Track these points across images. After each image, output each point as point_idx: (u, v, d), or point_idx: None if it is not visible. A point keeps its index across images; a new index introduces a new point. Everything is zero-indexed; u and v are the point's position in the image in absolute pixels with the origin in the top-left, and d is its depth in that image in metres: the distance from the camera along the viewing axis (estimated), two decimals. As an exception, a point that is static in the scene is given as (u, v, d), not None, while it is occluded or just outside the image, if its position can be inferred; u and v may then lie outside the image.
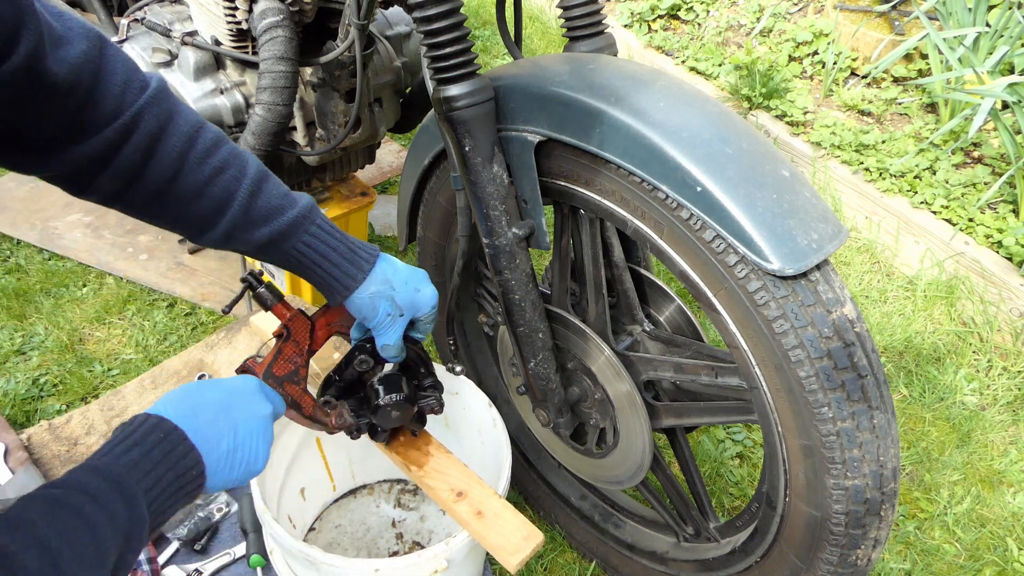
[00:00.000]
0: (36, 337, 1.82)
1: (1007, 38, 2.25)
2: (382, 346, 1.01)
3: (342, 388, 1.07)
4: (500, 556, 1.03)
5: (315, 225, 0.93)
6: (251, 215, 0.89)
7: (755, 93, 2.56)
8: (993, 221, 2.07)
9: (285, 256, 0.93)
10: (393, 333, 1.00)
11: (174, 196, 0.85)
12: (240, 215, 0.88)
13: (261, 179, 0.90)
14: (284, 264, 0.95)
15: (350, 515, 1.50)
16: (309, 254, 0.93)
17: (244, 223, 0.88)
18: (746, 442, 1.68)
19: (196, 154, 0.84)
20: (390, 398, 1.05)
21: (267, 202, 0.90)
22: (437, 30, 0.94)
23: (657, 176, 0.88)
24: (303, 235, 0.92)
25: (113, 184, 0.82)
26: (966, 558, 1.51)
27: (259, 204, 0.89)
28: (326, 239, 0.94)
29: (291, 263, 0.94)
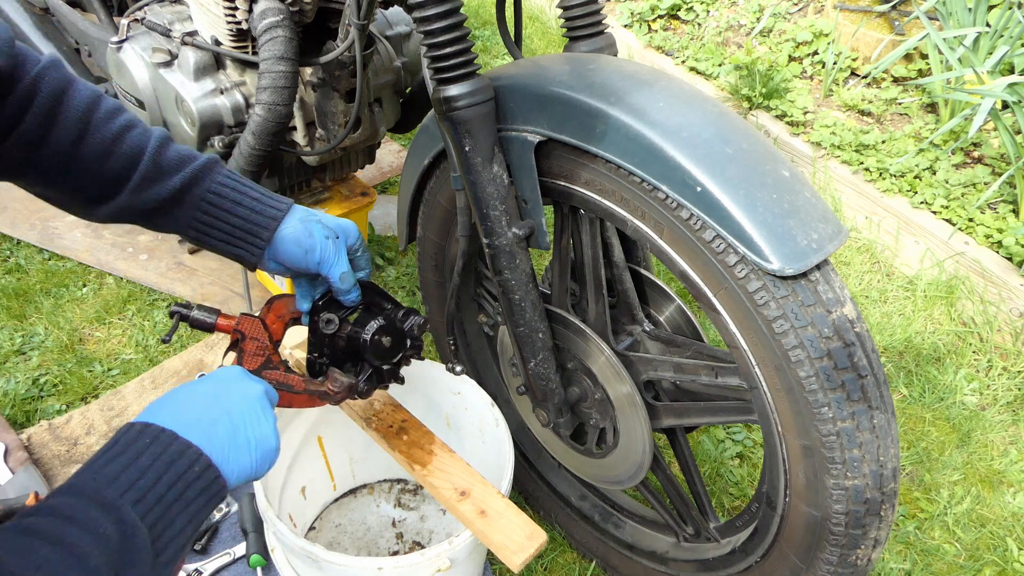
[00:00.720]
0: (36, 337, 1.82)
1: (1007, 38, 2.25)
2: (338, 277, 0.97)
3: (326, 364, 1.06)
4: (503, 555, 1.03)
5: (225, 170, 0.94)
6: (162, 164, 0.89)
7: (755, 93, 2.56)
8: (993, 221, 2.07)
9: (199, 204, 0.92)
10: (340, 259, 0.97)
11: (82, 158, 0.86)
12: (151, 166, 0.89)
13: (166, 136, 0.92)
14: (196, 220, 0.92)
15: (350, 514, 1.50)
16: (226, 194, 0.92)
17: (156, 173, 0.89)
18: (746, 442, 1.68)
19: (100, 115, 0.87)
20: (372, 326, 1.03)
21: (176, 152, 0.91)
22: (437, 30, 0.94)
23: (657, 176, 0.88)
24: (216, 176, 0.92)
25: (19, 152, 0.83)
26: (966, 558, 1.51)
27: (169, 154, 0.90)
28: (238, 180, 0.94)
29: (206, 213, 0.92)
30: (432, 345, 1.83)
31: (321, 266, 0.97)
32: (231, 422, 0.77)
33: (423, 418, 1.24)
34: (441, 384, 1.39)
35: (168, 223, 0.94)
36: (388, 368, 1.08)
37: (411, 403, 1.27)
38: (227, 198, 0.92)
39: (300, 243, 0.95)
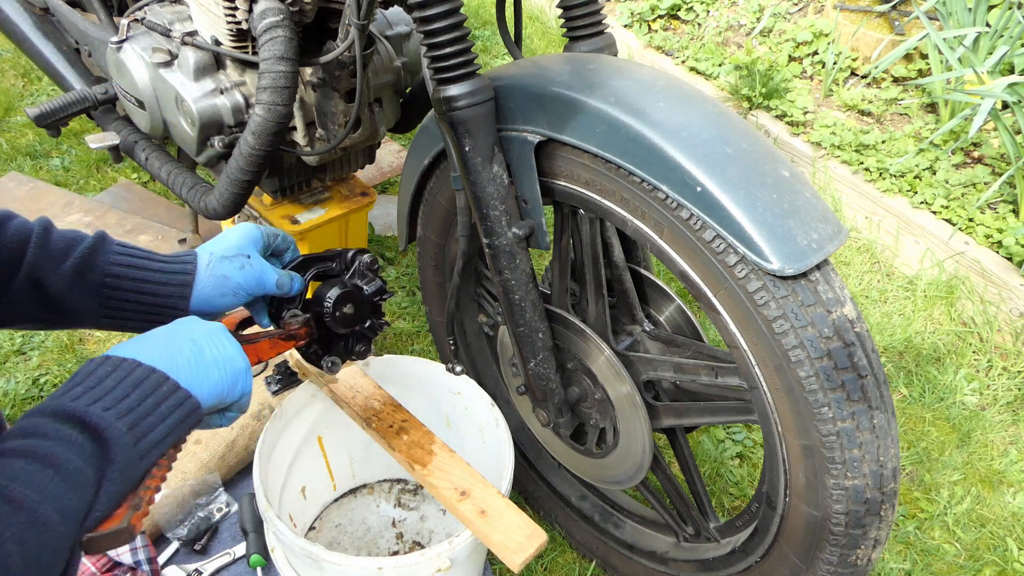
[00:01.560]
0: (36, 337, 1.82)
1: (1007, 38, 2.25)
2: (275, 288, 0.96)
3: (321, 347, 1.06)
4: (503, 555, 1.03)
5: (116, 244, 0.89)
6: (50, 250, 0.86)
7: (755, 93, 2.56)
8: (993, 221, 2.07)
9: (102, 290, 0.87)
10: (265, 274, 0.95)
11: None
12: (39, 253, 0.85)
13: (48, 222, 0.88)
14: (105, 308, 0.88)
15: (350, 514, 1.50)
16: (127, 273, 0.88)
17: (44, 262, 0.85)
18: (746, 442, 1.68)
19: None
20: (332, 295, 1.01)
21: (61, 236, 0.87)
22: (437, 30, 0.94)
23: (657, 176, 0.88)
24: (110, 255, 0.88)
25: None
26: (966, 558, 1.51)
27: (54, 238, 0.87)
28: (134, 252, 0.90)
29: (111, 299, 0.88)
30: (432, 345, 1.83)
31: (254, 293, 0.95)
32: (194, 346, 0.76)
33: (423, 418, 1.24)
34: (441, 384, 1.39)
35: (74, 317, 0.89)
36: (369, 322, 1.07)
37: (411, 403, 1.27)
38: (128, 277, 0.88)
39: (223, 292, 0.92)
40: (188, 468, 1.43)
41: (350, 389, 1.25)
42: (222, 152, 1.48)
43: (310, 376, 1.30)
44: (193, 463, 1.44)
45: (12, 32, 1.88)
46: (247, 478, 1.49)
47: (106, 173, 2.32)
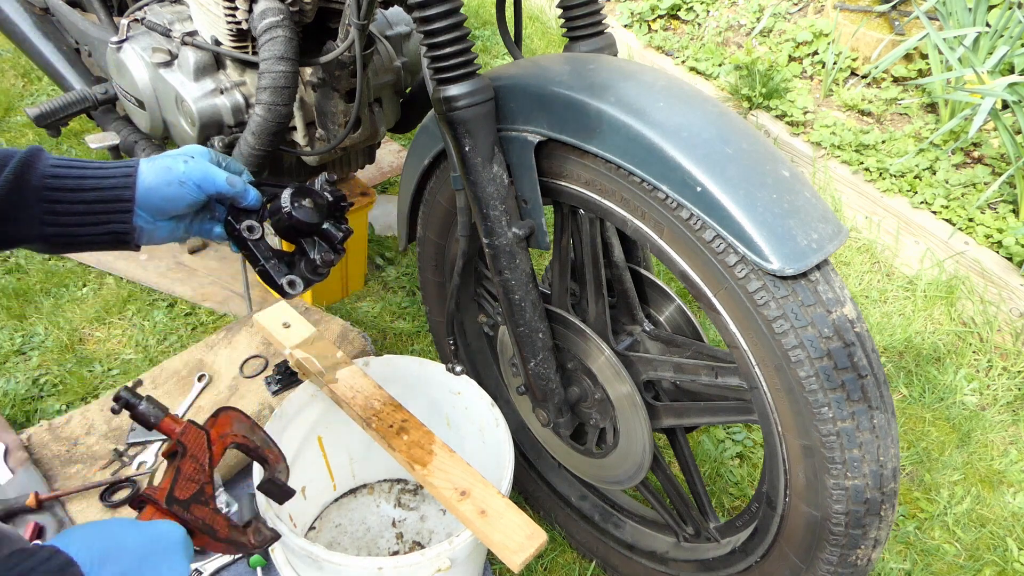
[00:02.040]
0: (36, 337, 1.82)
1: (1007, 38, 2.25)
2: (225, 183, 0.91)
3: (280, 264, 0.98)
4: (504, 555, 1.03)
5: (51, 157, 0.85)
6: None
7: (755, 93, 2.56)
8: (993, 221, 2.07)
9: (42, 194, 0.83)
10: (213, 169, 0.91)
11: None
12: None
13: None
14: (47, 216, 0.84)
15: (350, 514, 1.50)
16: (67, 173, 0.84)
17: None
18: (746, 442, 1.68)
19: None
20: (285, 197, 0.95)
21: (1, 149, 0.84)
22: (437, 30, 0.94)
23: (657, 176, 0.88)
24: (48, 160, 0.84)
25: None
26: (966, 558, 1.51)
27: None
28: (72, 160, 0.86)
29: (52, 202, 0.83)
30: (432, 345, 1.83)
31: (203, 186, 0.90)
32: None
33: (423, 418, 1.24)
34: (441, 384, 1.39)
35: (17, 229, 0.84)
36: (330, 228, 1.00)
37: (411, 403, 1.27)
38: (68, 176, 0.84)
39: (168, 181, 0.88)
40: (188, 468, 1.43)
41: (350, 389, 1.25)
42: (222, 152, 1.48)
43: (310, 376, 1.30)
44: (193, 463, 1.44)
45: (12, 32, 1.88)
46: (247, 478, 1.49)
47: (106, 173, 2.31)
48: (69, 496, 1.40)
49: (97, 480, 1.44)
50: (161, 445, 1.50)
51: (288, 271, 0.99)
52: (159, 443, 1.51)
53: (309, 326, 1.33)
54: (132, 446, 1.51)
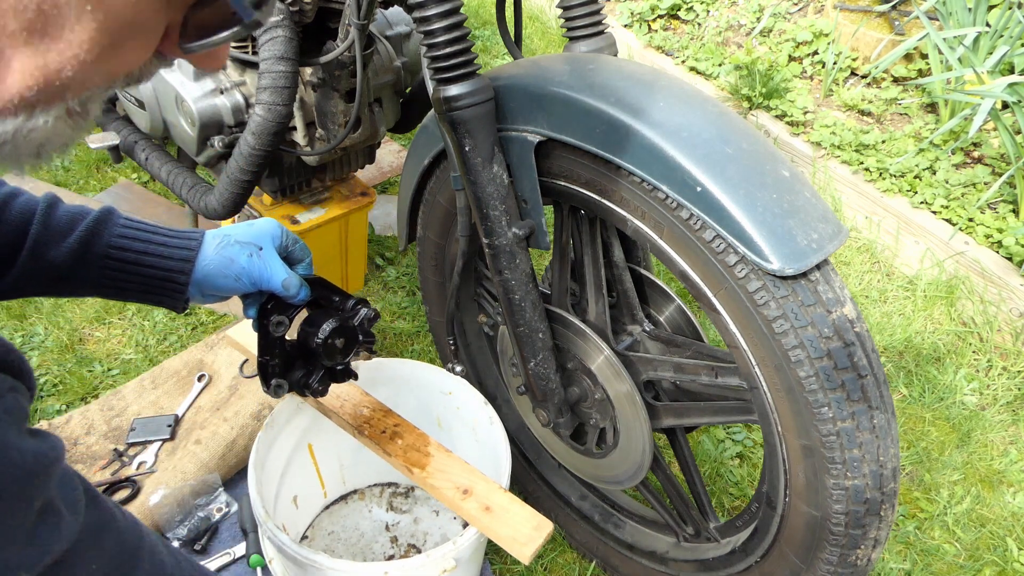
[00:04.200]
0: (36, 337, 1.82)
1: (1007, 38, 2.25)
2: (280, 286, 0.94)
3: (281, 366, 1.03)
4: (512, 548, 1.03)
5: (123, 219, 0.88)
6: (52, 226, 0.85)
7: (755, 93, 2.56)
8: (993, 221, 2.07)
9: (103, 262, 0.87)
10: (273, 269, 0.93)
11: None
12: (41, 230, 0.84)
13: (54, 198, 0.87)
14: (106, 279, 0.88)
15: (343, 521, 1.50)
16: (129, 245, 0.87)
17: (47, 237, 0.85)
18: (746, 442, 1.68)
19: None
20: (325, 329, 0.99)
21: (67, 211, 0.86)
22: (437, 30, 0.94)
23: (657, 176, 0.88)
24: (115, 228, 0.87)
25: None
26: (966, 558, 1.50)
27: (58, 214, 0.86)
28: (140, 226, 0.89)
29: (113, 270, 0.87)
30: (432, 345, 1.83)
31: (258, 284, 0.94)
32: None
33: (413, 420, 1.22)
34: (431, 385, 1.38)
35: (77, 287, 0.89)
36: (341, 367, 1.06)
37: (401, 406, 1.26)
38: (131, 249, 0.88)
39: (225, 274, 0.91)
40: (188, 468, 1.43)
41: (337, 398, 1.23)
42: (222, 152, 1.48)
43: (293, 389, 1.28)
44: (193, 463, 1.44)
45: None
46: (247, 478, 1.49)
47: (106, 173, 2.32)
48: (69, 496, 1.40)
49: (97, 480, 1.44)
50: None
51: (282, 373, 1.03)
52: (159, 443, 1.51)
53: None
54: (132, 446, 1.51)
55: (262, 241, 0.94)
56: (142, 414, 1.56)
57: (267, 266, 0.93)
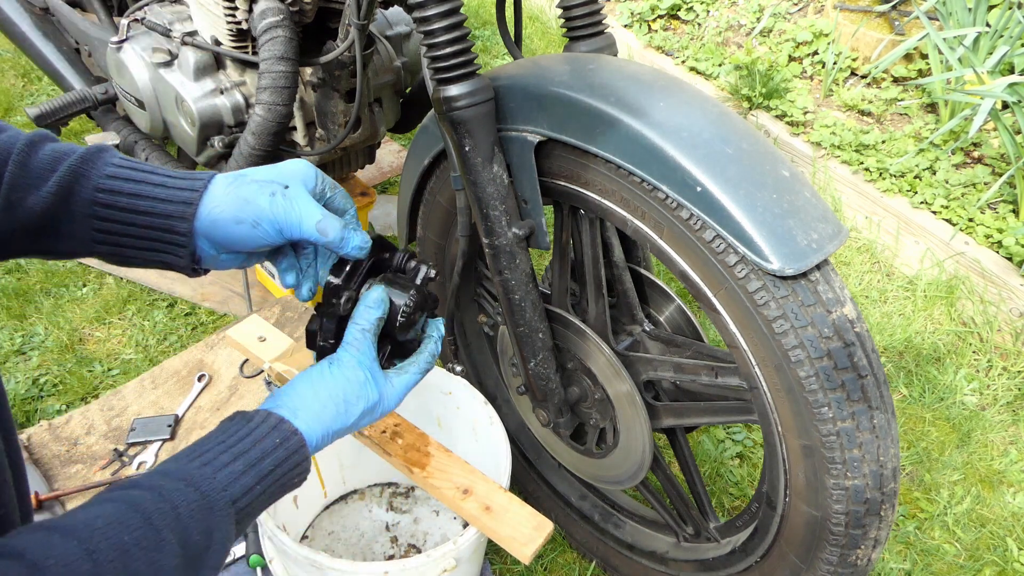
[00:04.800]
0: (36, 337, 1.82)
1: (1007, 38, 2.25)
2: (314, 229, 0.73)
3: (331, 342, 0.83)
4: (513, 548, 1.03)
5: (116, 158, 0.73)
6: (31, 168, 0.70)
7: (755, 93, 2.56)
8: (993, 221, 2.07)
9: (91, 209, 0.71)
10: (304, 209, 0.72)
11: None
12: (17, 172, 0.70)
13: (40, 136, 0.72)
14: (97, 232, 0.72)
15: (343, 521, 1.50)
16: (121, 187, 0.71)
17: (24, 181, 0.70)
18: (746, 442, 1.68)
19: None
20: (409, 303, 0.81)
21: (51, 150, 0.72)
22: (437, 30, 0.94)
23: (657, 176, 0.88)
24: (104, 168, 0.71)
25: None
26: (966, 558, 1.50)
27: (40, 154, 0.71)
28: (135, 165, 0.73)
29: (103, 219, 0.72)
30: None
31: (284, 231, 0.73)
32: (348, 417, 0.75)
33: (412, 420, 1.23)
34: (431, 385, 1.38)
35: (64, 243, 0.73)
36: (411, 337, 0.87)
37: (401, 406, 1.26)
38: (122, 192, 0.71)
39: (239, 219, 0.72)
40: (188, 468, 1.43)
41: None
42: (222, 152, 1.48)
43: None
44: (193, 463, 1.44)
45: (12, 32, 1.88)
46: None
47: (106, 173, 2.31)
48: (69, 496, 1.40)
49: (97, 480, 1.44)
50: None
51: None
52: (159, 443, 1.51)
53: (285, 338, 1.31)
54: (132, 446, 1.51)
55: (286, 179, 0.74)
56: (142, 414, 1.56)
57: (294, 206, 0.72)
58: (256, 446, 0.67)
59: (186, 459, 0.65)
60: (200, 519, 0.61)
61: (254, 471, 0.66)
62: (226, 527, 0.64)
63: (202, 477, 0.63)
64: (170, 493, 0.61)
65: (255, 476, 0.66)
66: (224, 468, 0.65)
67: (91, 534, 0.55)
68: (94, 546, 0.55)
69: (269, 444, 0.68)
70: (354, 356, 0.76)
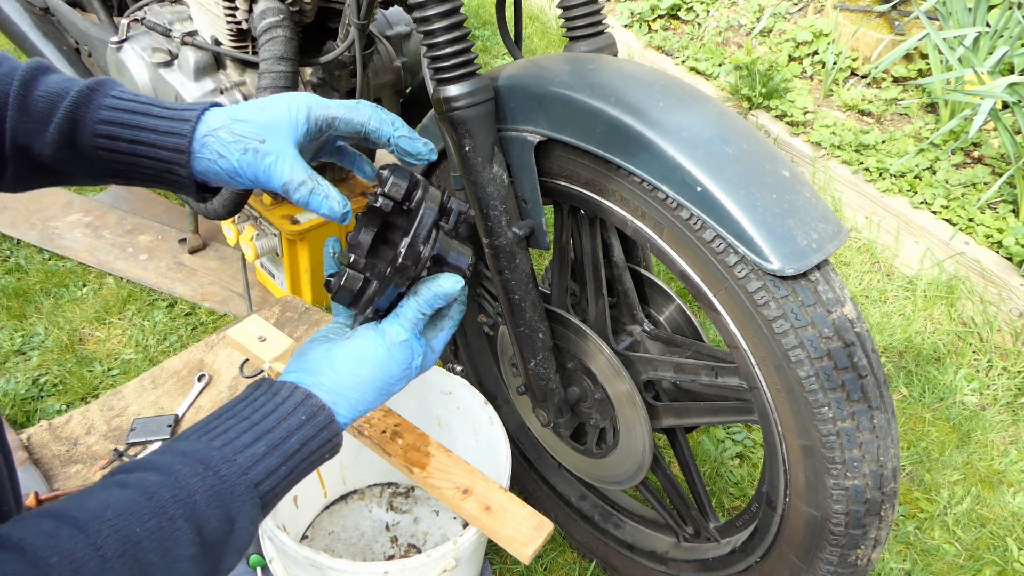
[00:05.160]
0: (36, 337, 1.82)
1: (1007, 38, 2.25)
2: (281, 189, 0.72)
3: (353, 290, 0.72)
4: (513, 548, 1.03)
5: (108, 96, 0.72)
6: (31, 110, 0.70)
7: (755, 93, 2.56)
8: (993, 221, 2.07)
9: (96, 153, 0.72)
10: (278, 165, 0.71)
11: None
12: (18, 117, 0.70)
13: (33, 70, 0.70)
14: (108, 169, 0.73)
15: (343, 521, 1.50)
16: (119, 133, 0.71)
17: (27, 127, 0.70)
18: (746, 442, 1.68)
19: None
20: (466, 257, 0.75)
21: (46, 89, 0.70)
22: (437, 30, 0.94)
23: (657, 176, 0.88)
24: (98, 112, 0.71)
25: None
26: (966, 558, 1.51)
27: (36, 95, 0.70)
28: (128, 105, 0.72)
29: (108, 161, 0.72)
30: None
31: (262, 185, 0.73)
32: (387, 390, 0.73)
33: (413, 420, 1.23)
34: (431, 385, 1.38)
35: (83, 178, 0.75)
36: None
37: (401, 406, 1.26)
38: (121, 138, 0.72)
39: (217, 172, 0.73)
40: (188, 468, 1.43)
41: None
42: (222, 152, 1.48)
43: None
44: (193, 463, 1.44)
45: (12, 32, 1.88)
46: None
47: (106, 173, 2.32)
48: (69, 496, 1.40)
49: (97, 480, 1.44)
50: None
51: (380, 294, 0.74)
52: (159, 443, 1.51)
53: (286, 338, 1.31)
54: (132, 446, 1.51)
55: (268, 132, 0.72)
56: (142, 414, 1.56)
57: (263, 164, 0.71)
58: (281, 424, 0.66)
59: (208, 435, 0.64)
60: (219, 505, 0.60)
61: (278, 451, 0.65)
62: (250, 511, 0.62)
63: (221, 459, 0.62)
64: (186, 479, 0.59)
65: (280, 456, 0.65)
66: (245, 449, 0.63)
67: (99, 527, 0.54)
68: (101, 540, 0.53)
69: (294, 422, 0.66)
70: (406, 334, 0.72)
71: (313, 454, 0.68)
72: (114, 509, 0.55)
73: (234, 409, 0.67)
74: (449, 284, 0.73)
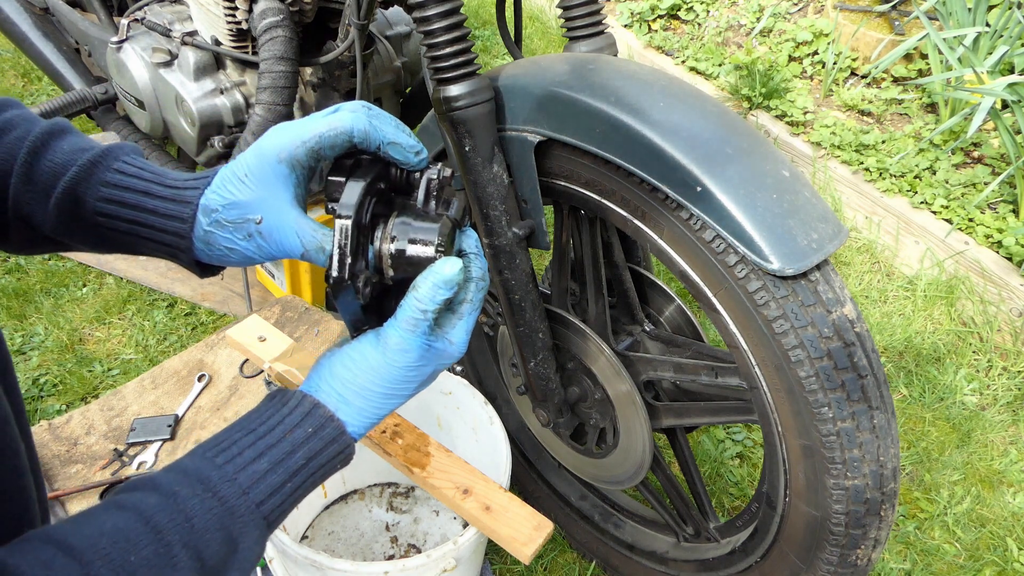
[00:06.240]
0: (36, 337, 1.82)
1: (1007, 38, 2.25)
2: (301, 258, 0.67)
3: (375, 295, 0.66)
4: (513, 548, 1.03)
5: (116, 165, 0.69)
6: (35, 182, 0.67)
7: (755, 93, 2.56)
8: (993, 221, 2.07)
9: (94, 224, 0.69)
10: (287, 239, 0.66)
11: None
12: (20, 186, 0.67)
13: (46, 136, 0.68)
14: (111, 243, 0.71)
15: (343, 521, 1.50)
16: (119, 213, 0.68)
17: (28, 196, 0.67)
18: (746, 442, 1.68)
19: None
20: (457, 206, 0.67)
21: (49, 162, 0.67)
22: (437, 30, 0.94)
23: (657, 176, 0.88)
24: (97, 190, 0.67)
25: None
26: (966, 558, 1.50)
27: (42, 167, 0.67)
28: (127, 179, 0.68)
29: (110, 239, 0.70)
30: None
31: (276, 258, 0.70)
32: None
33: (413, 421, 1.23)
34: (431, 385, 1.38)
35: (85, 248, 0.72)
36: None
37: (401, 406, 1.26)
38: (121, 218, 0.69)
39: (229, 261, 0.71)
40: (188, 468, 1.43)
41: None
42: (222, 152, 1.48)
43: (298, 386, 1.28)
44: (193, 463, 1.44)
45: (12, 32, 1.88)
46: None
47: (106, 173, 2.32)
48: (69, 496, 1.40)
49: (97, 480, 1.44)
50: None
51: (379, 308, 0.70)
52: (159, 443, 1.51)
53: (286, 338, 1.31)
54: (132, 446, 1.51)
55: (261, 205, 0.66)
56: (142, 414, 1.56)
57: (273, 242, 0.67)
58: (286, 438, 0.64)
59: (213, 451, 0.62)
60: (219, 528, 0.58)
61: (282, 468, 0.63)
62: (253, 531, 0.61)
63: (221, 479, 0.60)
64: (185, 501, 0.58)
65: (284, 473, 0.63)
66: (248, 467, 0.61)
67: (93, 557, 0.52)
68: (95, 571, 0.52)
69: (300, 435, 0.64)
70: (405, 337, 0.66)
71: (321, 468, 0.66)
72: (109, 537, 0.54)
73: (244, 422, 0.65)
74: (446, 268, 0.64)
